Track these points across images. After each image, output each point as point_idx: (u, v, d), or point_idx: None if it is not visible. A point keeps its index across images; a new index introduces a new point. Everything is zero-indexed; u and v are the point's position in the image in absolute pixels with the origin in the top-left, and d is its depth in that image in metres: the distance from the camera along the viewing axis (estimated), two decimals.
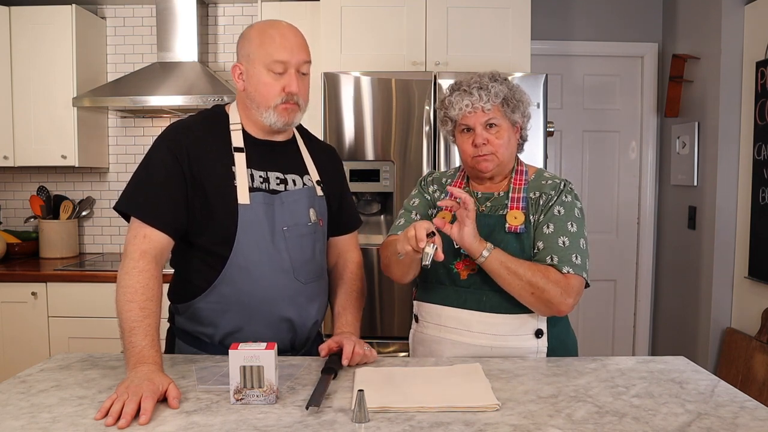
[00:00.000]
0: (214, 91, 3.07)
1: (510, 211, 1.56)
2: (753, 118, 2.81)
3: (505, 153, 1.59)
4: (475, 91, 1.55)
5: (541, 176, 1.64)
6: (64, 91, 3.19)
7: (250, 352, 1.19)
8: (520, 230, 1.54)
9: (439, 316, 1.59)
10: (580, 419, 1.15)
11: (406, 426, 1.11)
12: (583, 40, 3.61)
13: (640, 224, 3.72)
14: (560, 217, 1.55)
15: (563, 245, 1.51)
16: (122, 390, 1.18)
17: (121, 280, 1.37)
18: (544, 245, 1.53)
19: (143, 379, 1.21)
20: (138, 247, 1.40)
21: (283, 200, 1.52)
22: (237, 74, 1.52)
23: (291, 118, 1.52)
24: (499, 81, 1.58)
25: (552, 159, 3.66)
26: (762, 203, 2.75)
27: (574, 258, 1.51)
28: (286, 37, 1.47)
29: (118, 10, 3.53)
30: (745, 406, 1.21)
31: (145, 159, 1.50)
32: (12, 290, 2.97)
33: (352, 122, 2.71)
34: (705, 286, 3.10)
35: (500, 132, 1.57)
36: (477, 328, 1.54)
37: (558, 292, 1.47)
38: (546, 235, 1.54)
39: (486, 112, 1.55)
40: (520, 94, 1.60)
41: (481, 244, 1.47)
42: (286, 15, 3.06)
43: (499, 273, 1.48)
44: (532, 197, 1.59)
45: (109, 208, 3.59)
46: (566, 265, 1.50)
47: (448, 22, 2.91)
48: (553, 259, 1.51)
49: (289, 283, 1.51)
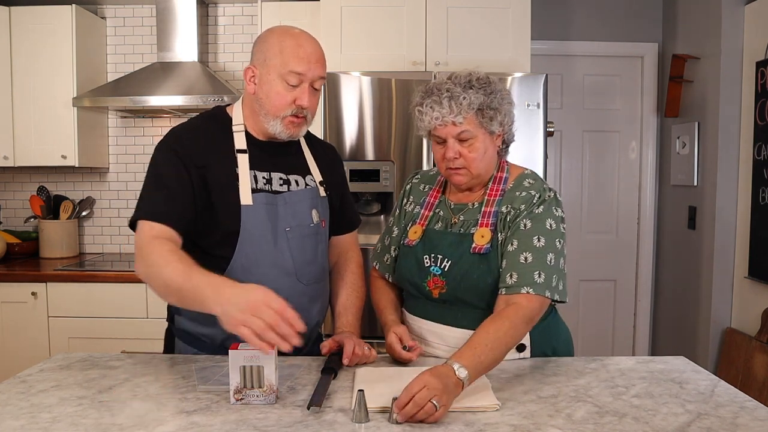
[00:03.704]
0: (214, 91, 3.07)
1: (478, 229, 1.47)
2: (753, 118, 2.81)
3: (479, 166, 1.48)
4: (445, 101, 1.42)
5: (519, 185, 1.52)
6: (64, 91, 3.19)
7: (250, 352, 1.19)
8: (485, 251, 1.45)
9: (421, 329, 1.57)
10: (580, 419, 1.15)
11: (406, 426, 1.11)
12: (583, 40, 3.61)
13: (640, 224, 3.72)
14: (525, 231, 1.43)
15: (524, 261, 1.41)
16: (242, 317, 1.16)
17: (146, 261, 1.35)
18: (506, 263, 1.43)
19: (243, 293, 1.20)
20: (147, 235, 1.39)
21: (286, 201, 1.52)
22: (249, 77, 1.48)
23: (296, 132, 1.51)
24: (474, 88, 1.44)
25: (552, 159, 3.66)
26: (762, 203, 2.75)
27: (537, 276, 1.39)
28: (306, 49, 1.44)
29: (118, 10, 3.53)
30: (745, 406, 1.21)
31: (151, 166, 1.48)
32: (12, 290, 2.97)
33: (352, 122, 2.71)
34: (705, 286, 3.10)
35: (474, 144, 1.45)
36: (454, 343, 1.45)
37: (525, 327, 1.38)
38: (509, 252, 1.43)
39: (458, 125, 1.43)
40: (498, 101, 1.46)
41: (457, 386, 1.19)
42: (286, 15, 3.06)
43: (489, 367, 1.30)
44: (503, 211, 1.48)
45: (109, 208, 3.59)
46: (526, 285, 1.39)
47: (448, 22, 2.91)
48: (512, 276, 1.40)
49: (291, 284, 1.50)
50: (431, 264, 1.51)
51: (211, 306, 1.23)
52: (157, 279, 1.34)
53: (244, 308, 1.17)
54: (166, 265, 1.31)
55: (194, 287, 1.26)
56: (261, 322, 1.15)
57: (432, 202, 1.61)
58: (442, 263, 1.50)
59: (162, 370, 1.42)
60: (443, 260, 1.50)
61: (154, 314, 2.92)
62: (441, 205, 1.59)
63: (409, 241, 1.57)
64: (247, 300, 1.18)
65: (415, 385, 1.13)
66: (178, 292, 1.31)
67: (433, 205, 1.60)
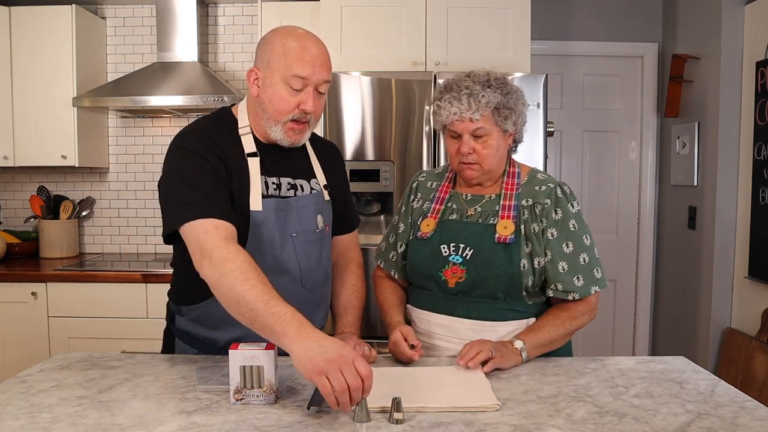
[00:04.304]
0: (214, 91, 3.07)
1: (500, 221, 1.53)
2: (753, 118, 2.81)
3: (492, 162, 1.55)
4: (465, 98, 1.49)
5: (534, 179, 1.60)
6: (64, 91, 3.19)
7: (250, 352, 1.19)
8: (510, 241, 1.50)
9: (429, 322, 1.58)
10: (580, 419, 1.15)
11: (406, 426, 1.11)
12: (583, 40, 3.61)
13: (640, 224, 3.72)
14: (554, 240, 1.52)
15: (563, 271, 1.51)
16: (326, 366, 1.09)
17: (219, 267, 1.25)
18: (548, 275, 1.53)
19: (331, 342, 1.13)
20: (217, 237, 1.30)
21: (293, 206, 1.50)
22: (252, 79, 1.44)
23: (298, 139, 1.47)
24: (493, 87, 1.51)
25: (552, 159, 3.66)
26: (762, 203, 2.75)
27: (576, 281, 1.51)
28: (311, 52, 1.40)
29: (118, 10, 3.53)
30: (745, 406, 1.21)
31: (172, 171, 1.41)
32: (12, 290, 2.97)
33: (352, 122, 2.71)
34: (705, 286, 3.10)
35: (488, 141, 1.52)
36: (466, 335, 1.51)
37: (587, 318, 1.55)
38: (548, 264, 1.52)
39: (474, 121, 1.50)
40: (514, 101, 1.53)
41: (514, 353, 1.45)
42: (286, 15, 3.06)
43: (542, 352, 1.51)
44: (525, 204, 1.55)
45: (109, 208, 3.59)
46: (571, 292, 1.51)
47: (448, 22, 2.91)
48: (557, 287, 1.52)
49: (297, 290, 1.48)
50: (451, 253, 1.54)
51: (289, 343, 1.15)
52: (230, 292, 1.25)
53: (332, 359, 1.10)
54: (245, 281, 1.23)
55: (273, 316, 1.19)
56: (343, 380, 1.08)
57: (443, 197, 1.64)
58: (463, 252, 1.53)
59: (162, 370, 1.42)
60: (465, 249, 1.53)
61: (154, 314, 2.92)
62: (453, 199, 1.63)
63: (423, 233, 1.59)
64: (339, 353, 1.11)
65: (474, 341, 1.43)
66: (251, 313, 1.22)
67: (444, 199, 1.64)
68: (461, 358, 1.39)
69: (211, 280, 1.28)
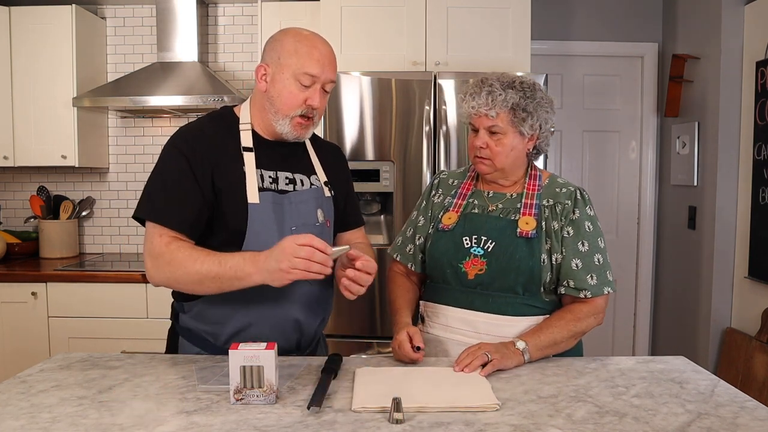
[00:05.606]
0: (214, 91, 3.07)
1: (522, 217, 1.57)
2: (753, 118, 2.81)
3: (503, 161, 1.58)
4: (484, 94, 1.54)
5: (554, 183, 1.64)
6: (64, 91, 3.19)
7: (250, 352, 1.19)
8: (532, 235, 1.54)
9: (446, 316, 1.60)
10: (580, 419, 1.15)
11: (406, 426, 1.11)
12: (583, 40, 3.61)
13: (640, 224, 3.72)
14: (570, 239, 1.56)
15: (576, 268, 1.54)
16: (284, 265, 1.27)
17: (169, 263, 1.39)
18: (562, 271, 1.55)
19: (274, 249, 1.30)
20: (162, 241, 1.42)
21: (292, 200, 1.52)
22: (260, 75, 1.50)
23: (303, 133, 1.53)
24: (516, 89, 1.55)
25: (552, 159, 3.66)
26: (762, 203, 2.75)
27: (590, 279, 1.53)
28: (322, 52, 1.48)
29: (118, 10, 3.53)
30: (745, 406, 1.21)
31: (158, 165, 1.49)
32: (12, 290, 2.97)
33: (352, 122, 2.71)
34: (705, 286, 3.10)
35: (502, 140, 1.56)
36: (483, 329, 1.54)
37: (593, 321, 1.56)
38: (563, 261, 1.55)
39: (490, 118, 1.55)
40: (534, 106, 1.56)
41: (515, 354, 1.45)
42: (286, 15, 3.07)
43: (546, 354, 1.51)
44: (546, 204, 1.59)
45: (109, 208, 3.59)
46: (584, 289, 1.53)
47: (448, 22, 2.91)
48: (569, 284, 1.54)
49: (298, 284, 1.47)
50: (472, 245, 1.57)
51: (254, 277, 1.33)
52: (188, 275, 1.38)
53: (281, 258, 1.28)
54: (196, 259, 1.37)
55: (232, 268, 1.34)
56: (301, 260, 1.26)
57: (465, 193, 1.68)
58: (485, 244, 1.56)
59: (162, 370, 1.42)
60: (487, 241, 1.56)
61: (154, 314, 2.92)
62: (475, 195, 1.67)
63: (445, 225, 1.63)
64: (281, 250, 1.28)
65: (471, 346, 1.43)
66: (216, 280, 1.36)
67: (466, 195, 1.68)
68: (457, 364, 1.40)
69: (165, 278, 1.42)
